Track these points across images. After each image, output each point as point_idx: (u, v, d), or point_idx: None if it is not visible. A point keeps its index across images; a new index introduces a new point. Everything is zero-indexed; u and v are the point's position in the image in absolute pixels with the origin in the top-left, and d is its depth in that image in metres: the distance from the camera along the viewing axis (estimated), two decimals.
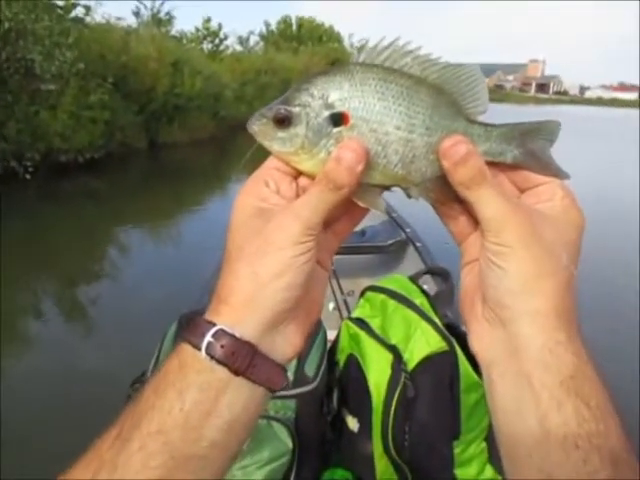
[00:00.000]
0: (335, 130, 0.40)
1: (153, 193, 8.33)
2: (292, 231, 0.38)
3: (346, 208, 0.43)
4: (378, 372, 1.15)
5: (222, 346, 0.37)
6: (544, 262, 0.37)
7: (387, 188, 0.43)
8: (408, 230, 3.14)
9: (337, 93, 0.40)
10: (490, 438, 1.13)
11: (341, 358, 1.27)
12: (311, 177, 0.42)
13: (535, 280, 0.37)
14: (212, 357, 0.37)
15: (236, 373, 0.38)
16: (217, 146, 13.20)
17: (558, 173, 0.41)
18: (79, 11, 9.61)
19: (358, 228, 0.56)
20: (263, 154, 0.45)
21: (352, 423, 1.20)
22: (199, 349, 0.38)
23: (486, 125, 0.42)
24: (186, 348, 0.39)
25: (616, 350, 3.43)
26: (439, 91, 0.41)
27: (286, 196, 0.41)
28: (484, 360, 0.41)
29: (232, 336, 0.38)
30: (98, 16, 10.82)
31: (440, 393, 1.10)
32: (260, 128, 0.43)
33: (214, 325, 0.38)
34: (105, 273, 5.04)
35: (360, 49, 0.42)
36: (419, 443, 1.11)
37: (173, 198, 8.18)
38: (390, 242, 3.03)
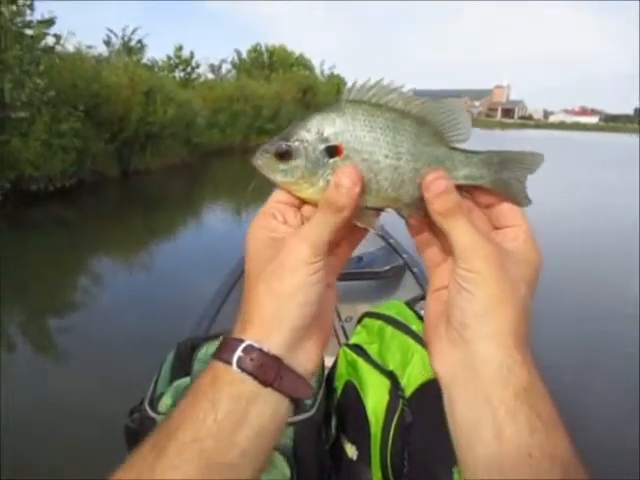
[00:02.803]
0: (331, 161, 0.45)
1: (125, 221, 8.24)
2: (302, 254, 0.42)
3: (346, 233, 0.48)
4: (376, 398, 1.15)
5: (251, 359, 0.41)
6: (506, 289, 0.41)
7: (381, 210, 0.48)
8: (405, 256, 3.11)
9: (331, 128, 0.45)
10: None
11: (339, 385, 1.27)
12: (312, 204, 0.46)
13: (497, 305, 0.41)
14: (243, 370, 0.41)
15: (265, 384, 0.41)
16: (190, 173, 13.18)
17: (521, 200, 0.46)
18: (49, 40, 9.57)
19: (355, 254, 0.59)
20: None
21: (351, 451, 1.19)
22: (230, 363, 0.41)
23: (466, 152, 0.46)
24: (218, 364, 0.42)
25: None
26: (422, 122, 0.46)
27: (292, 225, 0.46)
28: (445, 379, 0.44)
29: (260, 350, 0.41)
30: (70, 45, 10.81)
31: (438, 419, 1.09)
32: (264, 162, 0.47)
33: (243, 341, 0.42)
34: (77, 303, 4.93)
35: (350, 88, 0.46)
36: (418, 470, 1.10)
37: (146, 226, 8.11)
38: (387, 268, 3.01)
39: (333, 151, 0.45)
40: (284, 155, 0.46)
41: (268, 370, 0.41)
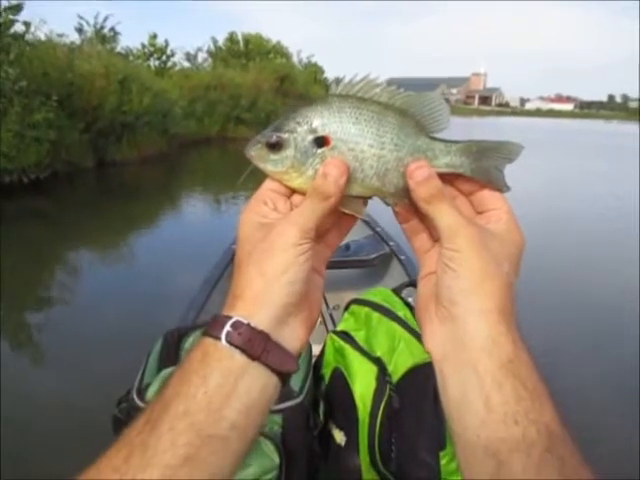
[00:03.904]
0: (319, 151, 0.48)
1: (102, 213, 8.11)
2: (291, 235, 0.45)
3: (334, 221, 0.50)
4: (363, 385, 1.16)
5: (239, 334, 0.43)
6: (489, 266, 0.43)
7: (368, 198, 0.50)
8: (392, 244, 3.15)
9: (319, 120, 0.48)
10: None
11: (327, 372, 1.27)
12: (301, 193, 0.49)
13: (481, 281, 0.43)
14: (231, 344, 0.42)
15: (252, 358, 0.43)
16: (167, 163, 13.01)
17: (501, 187, 0.48)
18: (19, 27, 9.33)
19: (342, 242, 0.60)
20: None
21: (339, 436, 1.20)
22: (219, 339, 0.43)
23: (446, 141, 0.49)
24: (208, 340, 0.44)
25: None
26: (404, 114, 0.49)
27: (282, 212, 0.48)
28: (437, 356, 0.46)
29: (248, 325, 0.43)
30: (40, 33, 10.55)
31: (425, 404, 1.11)
32: (256, 153, 0.49)
33: (231, 317, 0.44)
34: (56, 297, 4.86)
35: (337, 83, 0.49)
36: (406, 454, 1.12)
37: (123, 217, 8.00)
38: (374, 256, 3.04)
39: (321, 141, 0.47)
40: (275, 146, 0.48)
41: (255, 344, 0.43)
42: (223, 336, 0.43)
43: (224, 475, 0.42)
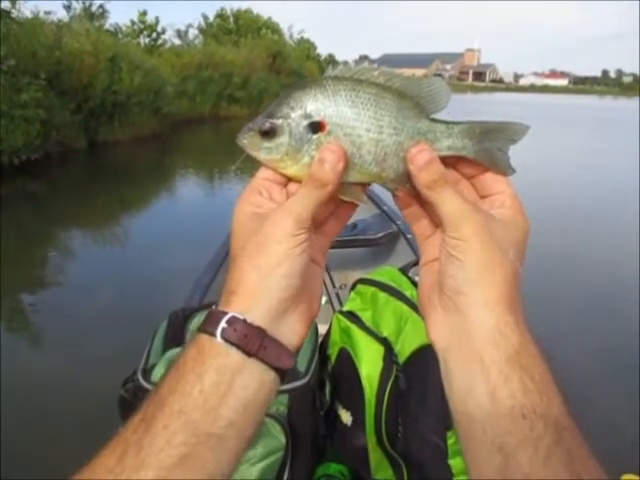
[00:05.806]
0: (314, 137, 0.46)
1: (95, 194, 8.04)
2: (286, 226, 0.43)
3: (333, 209, 0.49)
4: (370, 365, 1.16)
5: (235, 330, 0.41)
6: (494, 255, 0.42)
7: (367, 184, 0.48)
8: (399, 222, 3.13)
9: (313, 104, 0.46)
10: None
11: (333, 352, 1.27)
12: (297, 181, 0.47)
13: (487, 270, 0.42)
14: (227, 340, 0.41)
15: (249, 354, 0.42)
16: (160, 143, 12.89)
17: (505, 170, 0.46)
18: (5, 5, 9.15)
19: (349, 222, 0.58)
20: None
21: (345, 417, 1.20)
22: (215, 335, 0.42)
23: (448, 123, 0.46)
24: (203, 337, 0.43)
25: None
26: (402, 96, 0.46)
27: (278, 201, 0.46)
28: (441, 347, 0.45)
29: (244, 321, 0.42)
30: (27, 10, 10.35)
31: (432, 384, 1.11)
32: (248, 141, 0.47)
33: (227, 313, 0.42)
34: (50, 281, 4.83)
35: (333, 65, 0.47)
36: (413, 434, 1.12)
37: (116, 198, 7.93)
38: (381, 235, 3.03)
39: (316, 127, 0.46)
40: (268, 133, 0.46)
41: (252, 340, 0.42)
42: (218, 332, 0.41)
43: (222, 474, 0.41)
